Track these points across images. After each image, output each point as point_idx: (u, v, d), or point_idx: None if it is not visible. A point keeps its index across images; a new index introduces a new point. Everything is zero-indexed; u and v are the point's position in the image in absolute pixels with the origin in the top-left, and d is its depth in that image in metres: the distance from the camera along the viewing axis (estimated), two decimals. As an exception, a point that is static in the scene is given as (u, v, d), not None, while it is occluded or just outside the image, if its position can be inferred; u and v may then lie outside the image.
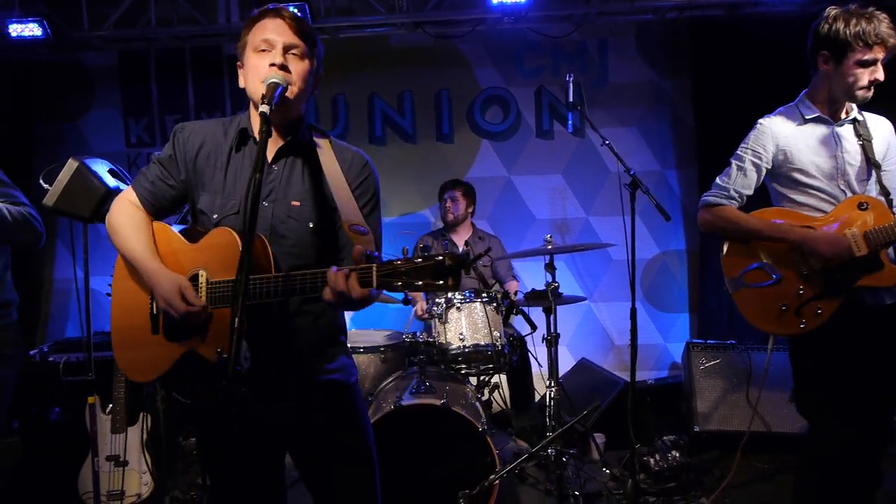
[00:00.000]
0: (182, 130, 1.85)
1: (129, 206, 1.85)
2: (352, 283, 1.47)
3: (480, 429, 3.06)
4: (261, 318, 1.60)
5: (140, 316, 1.79)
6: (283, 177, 1.79)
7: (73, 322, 5.40)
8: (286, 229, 1.76)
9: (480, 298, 3.60)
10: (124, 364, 1.85)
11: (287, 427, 1.82)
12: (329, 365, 1.85)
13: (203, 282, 1.69)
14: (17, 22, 4.26)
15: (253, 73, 1.73)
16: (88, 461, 3.64)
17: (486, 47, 5.25)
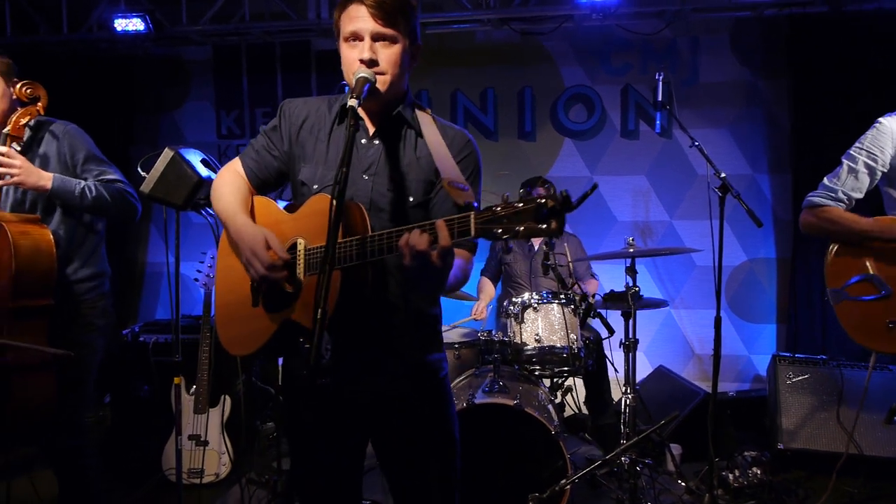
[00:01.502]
0: (288, 104, 1.89)
1: (233, 174, 1.90)
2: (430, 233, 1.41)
3: (553, 432, 3.01)
4: (352, 296, 1.58)
5: (241, 290, 1.81)
6: (383, 151, 1.79)
7: (163, 304, 5.66)
8: (385, 203, 1.76)
9: (558, 300, 3.55)
10: (226, 340, 1.87)
11: (373, 414, 1.82)
12: (422, 354, 1.84)
13: (301, 249, 1.68)
14: (123, 17, 4.48)
15: (345, 64, 1.74)
16: (172, 439, 3.81)
17: (571, 44, 5.17)
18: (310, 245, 1.67)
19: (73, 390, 2.57)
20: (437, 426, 1.84)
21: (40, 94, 2.56)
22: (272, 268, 1.64)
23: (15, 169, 2.39)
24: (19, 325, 2.39)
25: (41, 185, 2.43)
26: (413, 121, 1.82)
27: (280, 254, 1.65)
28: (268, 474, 3.75)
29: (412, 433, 1.81)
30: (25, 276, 2.37)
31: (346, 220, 1.59)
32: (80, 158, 2.60)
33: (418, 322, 1.84)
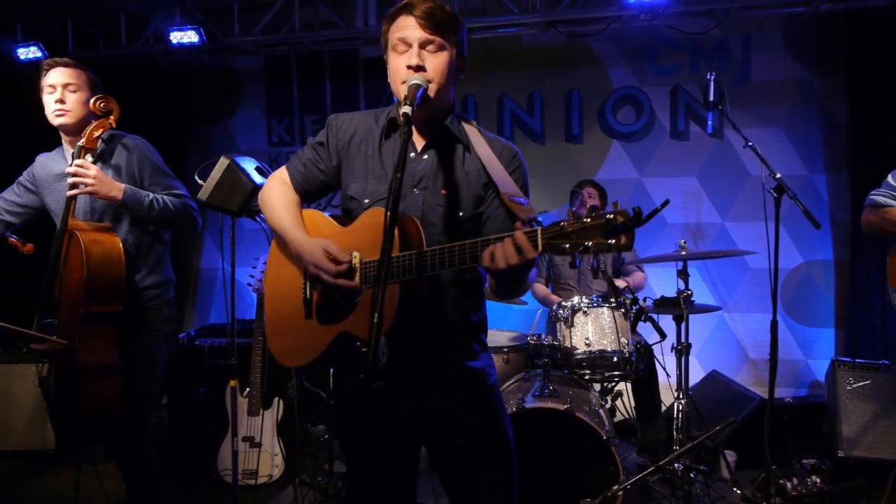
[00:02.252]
0: (336, 120, 1.92)
1: (281, 184, 1.94)
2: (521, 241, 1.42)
3: (605, 437, 2.98)
4: (410, 309, 1.60)
5: (293, 301, 1.83)
6: (433, 165, 1.81)
7: (217, 309, 5.80)
8: (436, 217, 1.77)
9: (608, 303, 3.52)
10: (277, 351, 1.89)
11: (426, 420, 1.83)
12: (472, 362, 1.85)
13: (357, 262, 1.70)
14: (178, 30, 4.62)
15: (393, 73, 1.77)
16: (227, 440, 3.89)
17: (619, 46, 5.12)
18: (365, 258, 1.69)
19: (139, 395, 2.66)
20: (492, 433, 1.85)
21: (113, 107, 2.66)
22: (339, 275, 1.67)
23: (89, 179, 2.47)
24: (89, 329, 2.48)
25: (112, 195, 2.51)
26: (461, 134, 1.84)
27: (340, 257, 1.67)
28: (319, 476, 3.80)
29: (467, 442, 1.82)
30: (96, 282, 2.46)
31: (403, 232, 1.61)
32: (148, 172, 2.69)
33: (468, 331, 1.86)
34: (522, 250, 1.42)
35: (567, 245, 1.38)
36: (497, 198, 1.80)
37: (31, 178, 2.83)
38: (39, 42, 4.85)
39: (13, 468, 4.34)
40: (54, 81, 2.64)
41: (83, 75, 2.69)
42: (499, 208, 1.80)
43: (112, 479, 2.92)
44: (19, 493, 3.99)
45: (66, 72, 2.65)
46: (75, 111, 2.65)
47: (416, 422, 1.84)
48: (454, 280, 1.79)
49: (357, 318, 1.68)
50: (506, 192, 1.60)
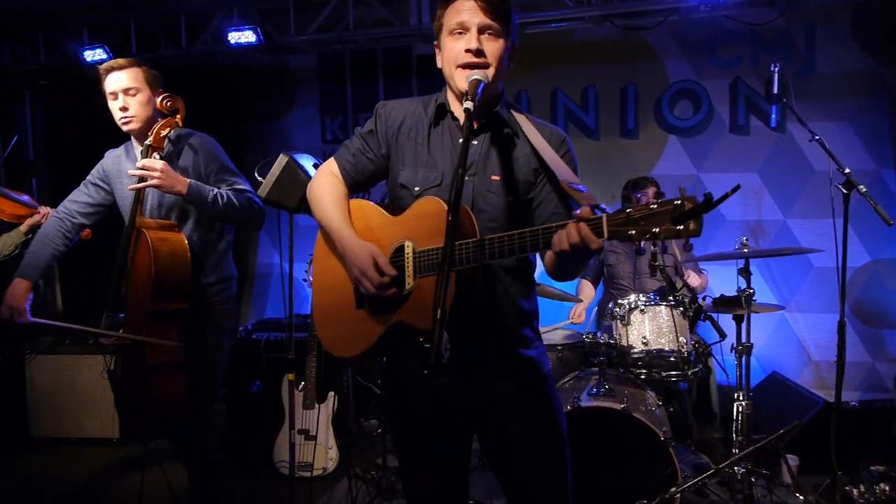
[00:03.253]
0: (384, 107, 1.91)
1: (330, 177, 1.94)
2: (585, 232, 1.41)
3: (662, 438, 2.93)
4: (465, 297, 1.59)
5: (342, 292, 1.83)
6: (482, 152, 1.80)
7: (272, 304, 5.90)
8: (486, 203, 1.77)
9: (666, 301, 3.45)
10: (328, 341, 1.89)
11: (478, 407, 1.82)
12: (524, 349, 1.83)
13: (410, 252, 1.70)
14: (236, 30, 4.71)
15: (448, 56, 1.76)
16: (282, 432, 3.97)
17: (676, 38, 5.00)
18: (418, 248, 1.69)
19: (203, 389, 2.72)
20: (545, 421, 1.83)
21: (179, 106, 2.71)
22: (381, 286, 1.68)
23: (156, 172, 2.51)
24: (156, 325, 2.55)
25: (178, 189, 2.54)
26: (510, 120, 1.83)
27: (388, 271, 1.68)
28: (373, 470, 3.84)
29: (519, 428, 1.80)
30: (164, 281, 2.52)
31: (456, 222, 1.60)
32: (214, 169, 2.72)
33: (519, 317, 1.84)
34: (586, 239, 1.41)
35: (633, 231, 1.36)
36: (548, 183, 1.80)
37: (102, 174, 2.88)
38: (105, 44, 5.01)
39: (78, 455, 4.51)
40: (114, 88, 2.66)
41: (140, 73, 2.68)
42: (550, 193, 1.80)
43: (175, 468, 3.00)
44: (85, 479, 4.15)
45: (123, 75, 2.65)
46: (140, 114, 2.68)
47: (468, 409, 1.82)
48: (505, 266, 1.78)
49: (411, 307, 1.68)
50: (564, 179, 1.59)
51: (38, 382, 4.71)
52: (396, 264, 1.72)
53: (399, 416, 1.94)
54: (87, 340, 4.74)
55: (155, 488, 3.21)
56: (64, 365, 4.67)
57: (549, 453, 1.81)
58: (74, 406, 4.66)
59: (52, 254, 2.84)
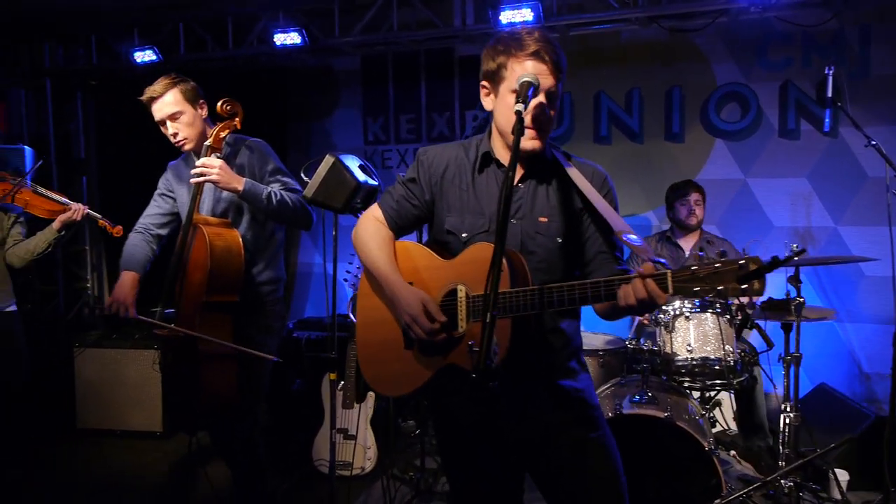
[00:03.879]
0: (425, 154, 1.93)
1: (374, 223, 1.96)
2: (652, 288, 1.45)
3: (707, 448, 2.87)
4: (520, 341, 1.62)
5: (389, 331, 1.85)
6: (529, 194, 1.82)
7: (312, 303, 5.96)
8: (535, 245, 1.79)
9: (712, 308, 3.37)
10: (373, 379, 1.92)
11: (531, 446, 1.84)
12: (573, 382, 1.85)
13: (463, 296, 1.73)
14: (282, 32, 4.76)
15: (507, 110, 1.72)
16: (322, 431, 3.99)
17: (724, 40, 4.90)
18: (471, 292, 1.71)
19: (250, 386, 2.76)
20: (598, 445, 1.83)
21: (237, 110, 2.78)
22: (432, 332, 1.70)
23: (214, 169, 2.58)
24: (209, 317, 2.62)
25: (234, 186, 2.62)
26: (553, 162, 1.84)
27: (439, 318, 1.70)
28: (411, 472, 3.84)
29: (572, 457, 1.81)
30: (218, 274, 2.60)
31: (512, 267, 1.64)
32: (268, 170, 2.79)
33: (568, 352, 1.87)
34: (653, 294, 1.45)
35: (698, 289, 1.40)
36: (593, 222, 1.82)
37: (167, 183, 2.99)
38: (154, 45, 5.11)
39: (122, 447, 4.61)
40: (160, 117, 2.74)
41: (178, 94, 2.74)
42: (595, 232, 1.82)
43: (217, 463, 3.05)
44: (128, 471, 4.23)
45: (163, 103, 2.72)
46: (190, 135, 2.77)
47: (520, 444, 1.84)
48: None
49: (464, 349, 1.70)
50: (620, 231, 1.62)
51: (85, 375, 4.83)
52: (447, 307, 1.74)
53: (446, 425, 1.94)
54: (133, 335, 4.84)
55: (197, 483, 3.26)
56: (111, 359, 4.77)
57: (605, 485, 1.82)
58: (120, 399, 4.76)
59: (146, 254, 2.95)
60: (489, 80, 1.80)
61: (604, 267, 1.80)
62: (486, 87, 1.82)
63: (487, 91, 1.82)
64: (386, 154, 5.71)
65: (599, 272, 1.79)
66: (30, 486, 4.04)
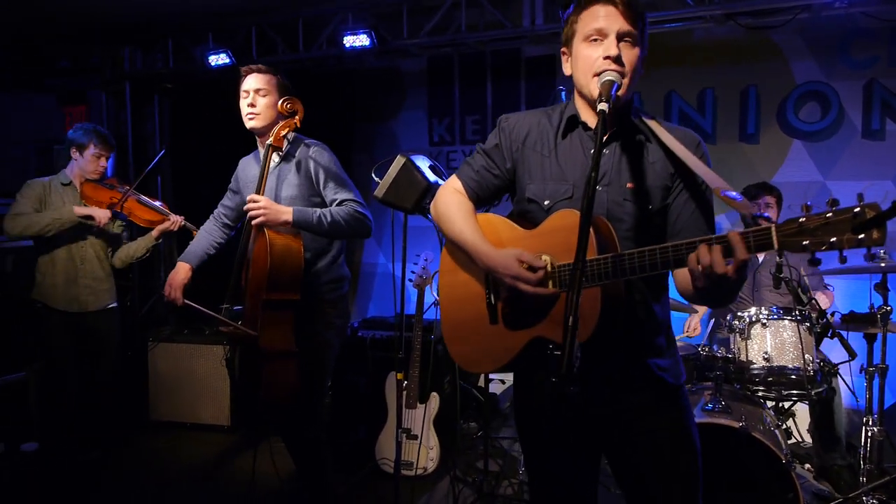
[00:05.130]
0: (507, 121, 1.87)
1: (455, 194, 1.91)
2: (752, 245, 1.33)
3: (784, 460, 2.75)
4: (611, 312, 1.54)
5: (474, 307, 1.80)
6: (614, 160, 1.74)
7: (375, 302, 6.01)
8: (622, 213, 1.70)
9: (791, 316, 3.24)
10: (459, 357, 1.87)
11: (611, 425, 1.77)
12: (660, 360, 1.76)
13: (548, 265, 1.65)
14: (351, 34, 4.82)
15: (583, 64, 1.69)
16: (385, 430, 4.02)
17: (804, 37, 4.71)
18: (557, 262, 1.64)
19: (312, 382, 2.80)
20: (681, 435, 1.75)
21: (298, 108, 2.84)
22: (540, 283, 1.62)
23: (261, 210, 2.64)
24: (271, 314, 2.66)
25: (283, 219, 2.66)
26: (641, 126, 1.76)
27: (535, 263, 1.62)
28: (473, 474, 3.82)
29: (654, 443, 1.73)
30: (278, 272, 2.64)
31: (598, 234, 1.55)
32: (323, 176, 2.82)
33: (656, 327, 1.77)
34: (752, 249, 1.33)
35: (807, 242, 1.26)
36: (686, 188, 1.71)
37: (236, 180, 3.09)
38: (228, 49, 5.25)
39: (192, 439, 4.75)
40: (248, 87, 2.85)
41: (273, 80, 2.88)
42: (688, 199, 1.71)
43: (283, 457, 3.09)
44: (198, 462, 4.35)
45: (258, 77, 2.86)
46: (264, 114, 2.84)
47: (600, 424, 1.77)
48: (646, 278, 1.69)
49: (551, 321, 1.63)
50: (717, 187, 1.49)
51: (158, 369, 4.99)
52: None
53: (526, 427, 1.90)
54: (204, 331, 4.98)
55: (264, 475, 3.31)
56: (183, 353, 4.92)
57: (683, 470, 1.73)
58: (190, 393, 4.91)
59: (210, 244, 3.12)
60: (566, 45, 1.77)
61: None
62: (564, 52, 1.78)
63: (566, 56, 1.78)
64: (451, 155, 5.71)
65: None
66: (107, 469, 4.21)
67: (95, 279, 4.01)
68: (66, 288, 3.92)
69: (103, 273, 4.06)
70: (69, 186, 3.97)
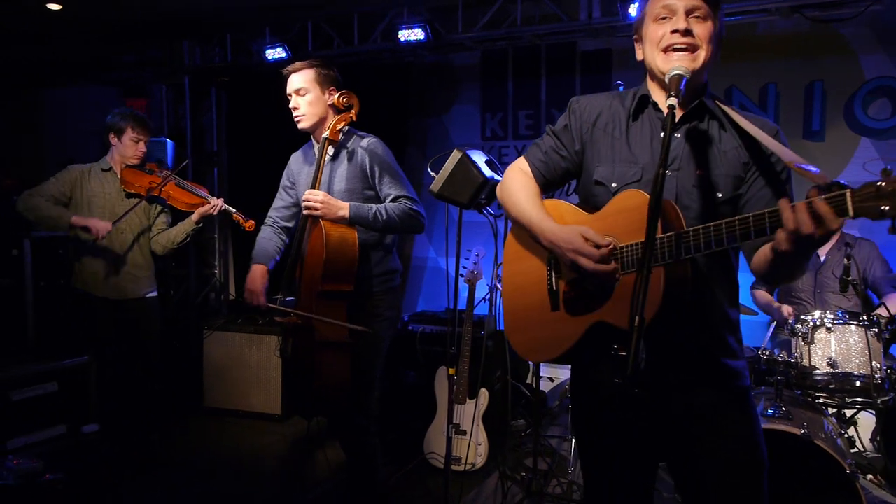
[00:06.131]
0: (577, 102, 1.85)
1: (521, 175, 1.89)
2: (823, 209, 1.26)
3: (848, 470, 2.65)
4: (676, 294, 1.49)
5: (535, 294, 1.78)
6: (686, 145, 1.69)
7: (424, 297, 6.01)
8: (690, 199, 1.66)
9: (858, 321, 3.12)
10: (520, 345, 1.85)
11: (674, 424, 1.71)
12: (731, 360, 1.70)
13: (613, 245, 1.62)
14: (406, 28, 4.82)
15: (652, 41, 1.67)
16: (434, 424, 4.02)
17: (874, 30, 4.51)
18: (620, 243, 1.60)
19: (363, 374, 2.82)
20: (747, 439, 1.69)
21: (354, 102, 2.85)
22: (603, 259, 1.58)
23: (318, 205, 2.68)
24: (326, 304, 2.71)
25: (340, 215, 2.71)
26: (716, 111, 1.71)
27: (600, 241, 1.59)
28: (522, 471, 3.79)
29: (719, 446, 1.67)
30: (333, 263, 2.68)
31: (663, 217, 1.50)
32: (377, 171, 2.84)
33: (727, 326, 1.72)
34: (826, 217, 1.26)
35: (886, 207, 1.18)
36: (761, 176, 1.65)
37: (289, 174, 3.10)
38: (284, 44, 5.32)
39: (244, 427, 4.84)
40: (289, 90, 2.85)
41: (311, 74, 2.83)
42: (762, 189, 1.66)
43: (334, 447, 3.12)
44: (249, 450, 4.43)
45: (295, 78, 2.84)
46: (309, 113, 2.84)
47: (663, 421, 1.71)
48: (712, 269, 1.66)
49: (614, 305, 1.59)
50: (791, 160, 1.44)
51: (212, 357, 5.10)
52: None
53: (585, 428, 1.86)
54: (257, 321, 5.07)
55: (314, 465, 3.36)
56: (236, 342, 5.02)
57: (747, 475, 1.67)
58: (243, 381, 5.00)
59: (276, 247, 3.10)
60: (637, 32, 1.76)
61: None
62: (637, 39, 1.77)
63: (638, 43, 1.76)
64: (503, 150, 5.66)
65: None
66: (161, 453, 4.33)
67: (135, 266, 3.97)
68: (106, 275, 3.89)
69: (143, 261, 4.01)
70: (109, 172, 3.93)
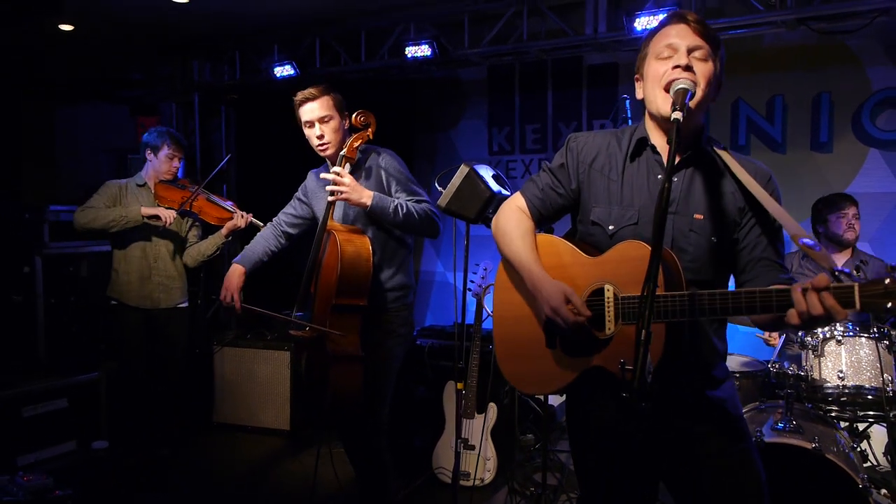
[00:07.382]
0: (575, 140, 1.86)
1: (517, 212, 1.90)
2: (830, 303, 1.30)
3: (860, 485, 2.63)
4: (674, 348, 1.52)
5: (529, 326, 1.78)
6: (683, 188, 1.71)
7: (432, 311, 6.02)
8: (687, 243, 1.67)
9: (868, 333, 3.10)
10: (513, 377, 1.85)
11: (671, 456, 1.74)
12: (716, 392, 1.74)
13: (610, 296, 1.63)
14: (413, 44, 4.86)
15: (653, 79, 1.68)
16: (443, 439, 4.01)
17: (882, 41, 4.51)
18: (620, 293, 1.61)
19: (375, 389, 2.82)
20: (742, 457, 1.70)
21: (371, 121, 2.90)
22: (576, 326, 1.61)
23: (345, 186, 2.70)
24: (339, 318, 2.72)
25: (363, 201, 2.72)
26: (714, 155, 1.73)
27: (583, 311, 1.62)
28: (531, 486, 3.77)
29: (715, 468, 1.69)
30: (348, 277, 2.69)
31: (665, 268, 1.52)
32: (394, 180, 2.88)
33: (714, 359, 1.75)
34: (832, 311, 1.29)
35: (890, 305, 1.23)
36: (757, 224, 1.68)
37: (305, 190, 3.14)
38: (293, 61, 5.37)
39: (253, 442, 4.84)
40: (310, 117, 2.86)
41: (331, 101, 2.88)
42: (759, 236, 1.68)
43: (343, 462, 3.12)
44: (259, 465, 4.43)
45: (317, 105, 2.85)
46: (334, 140, 2.89)
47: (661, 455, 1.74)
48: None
49: (611, 352, 1.60)
50: (795, 234, 1.46)
51: (222, 372, 5.12)
52: (593, 307, 1.65)
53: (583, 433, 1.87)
54: (266, 336, 5.08)
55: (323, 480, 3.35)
56: (246, 357, 5.03)
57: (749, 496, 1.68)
58: (252, 396, 5.01)
59: (265, 250, 3.14)
60: (638, 71, 1.77)
61: (766, 275, 1.66)
62: (637, 78, 1.78)
63: (639, 81, 1.77)
64: (510, 164, 5.69)
65: (759, 280, 1.66)
66: (172, 469, 4.33)
67: (168, 277, 4.14)
68: (140, 285, 4.06)
69: (176, 272, 4.18)
70: (144, 187, 4.14)
